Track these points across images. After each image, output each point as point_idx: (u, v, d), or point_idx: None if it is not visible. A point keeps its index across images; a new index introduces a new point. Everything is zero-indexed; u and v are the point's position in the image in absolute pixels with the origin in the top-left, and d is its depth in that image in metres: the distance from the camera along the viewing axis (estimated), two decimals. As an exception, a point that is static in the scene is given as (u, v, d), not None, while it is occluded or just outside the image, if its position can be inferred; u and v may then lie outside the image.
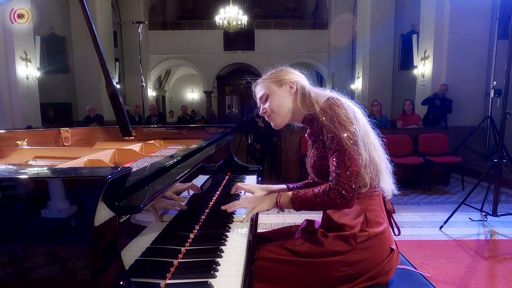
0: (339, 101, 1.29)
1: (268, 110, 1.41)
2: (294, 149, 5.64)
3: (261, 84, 1.44)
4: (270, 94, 1.40)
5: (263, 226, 3.58)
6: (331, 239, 1.23)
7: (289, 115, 1.42)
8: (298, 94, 1.39)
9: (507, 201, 4.55)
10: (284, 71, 1.44)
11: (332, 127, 1.24)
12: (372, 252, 1.21)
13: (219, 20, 13.69)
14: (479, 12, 7.25)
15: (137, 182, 0.88)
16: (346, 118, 1.24)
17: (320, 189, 1.24)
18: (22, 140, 1.69)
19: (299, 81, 1.41)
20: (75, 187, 0.70)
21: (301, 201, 1.28)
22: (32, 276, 0.69)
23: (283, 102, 1.40)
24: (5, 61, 7.20)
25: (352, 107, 1.32)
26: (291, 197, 1.29)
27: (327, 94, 1.35)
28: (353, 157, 1.21)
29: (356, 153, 1.22)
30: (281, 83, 1.40)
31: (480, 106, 7.47)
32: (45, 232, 0.69)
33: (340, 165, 1.21)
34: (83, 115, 9.05)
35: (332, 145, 1.24)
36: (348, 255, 1.19)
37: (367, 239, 1.21)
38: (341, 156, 1.22)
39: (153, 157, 1.63)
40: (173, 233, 1.11)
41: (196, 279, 0.89)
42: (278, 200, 1.32)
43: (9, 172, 0.81)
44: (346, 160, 1.21)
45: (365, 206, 1.28)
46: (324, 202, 1.22)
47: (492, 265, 2.75)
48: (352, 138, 1.23)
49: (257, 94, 1.46)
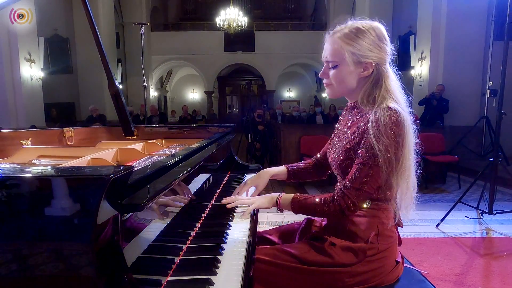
0: (398, 117, 1.10)
1: (330, 77, 1.24)
2: (293, 149, 5.64)
3: (337, 46, 1.19)
4: (340, 65, 1.20)
5: (263, 223, 3.58)
6: (339, 250, 1.16)
7: (347, 92, 1.26)
8: (369, 81, 1.19)
9: (502, 199, 4.55)
10: (373, 40, 1.17)
11: (374, 139, 1.09)
12: (378, 264, 1.17)
13: (220, 21, 13.70)
14: (475, 14, 7.26)
15: (139, 181, 0.87)
16: (393, 141, 1.08)
17: (321, 198, 1.17)
18: (26, 139, 1.68)
19: (379, 64, 1.18)
20: (79, 185, 0.70)
21: (300, 207, 1.22)
22: (37, 273, 0.69)
23: (349, 79, 1.20)
24: (10, 62, 7.20)
25: (408, 124, 1.13)
26: (291, 200, 1.24)
27: (395, 98, 1.17)
28: (373, 180, 1.10)
29: (380, 177, 1.11)
30: (358, 60, 1.17)
31: (476, 106, 7.47)
32: (49, 230, 0.69)
33: (356, 180, 1.11)
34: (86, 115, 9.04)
35: (363, 155, 1.11)
36: (355, 266, 1.14)
37: (376, 253, 1.16)
38: (363, 172, 1.10)
39: (155, 156, 1.63)
40: (175, 230, 1.10)
41: (197, 276, 0.89)
42: (278, 201, 1.27)
43: (13, 171, 0.81)
44: (365, 179, 1.10)
45: (379, 218, 1.20)
46: (322, 211, 1.17)
47: (488, 262, 2.75)
48: (387, 162, 1.09)
49: (327, 50, 1.23)
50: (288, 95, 20.28)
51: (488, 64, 7.13)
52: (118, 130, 2.04)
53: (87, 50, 10.26)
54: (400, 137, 1.09)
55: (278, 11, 18.79)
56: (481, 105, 7.37)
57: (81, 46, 10.70)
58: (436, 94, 7.02)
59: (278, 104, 13.32)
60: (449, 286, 2.37)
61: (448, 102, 7.02)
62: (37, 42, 8.01)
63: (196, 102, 19.84)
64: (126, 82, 13.73)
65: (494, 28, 7.07)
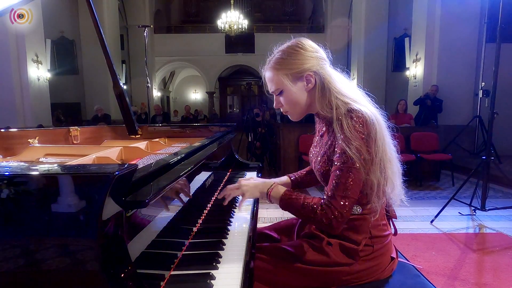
0: (361, 117, 1.06)
1: (283, 105, 1.21)
2: (292, 147, 5.64)
3: (272, 75, 1.18)
4: (283, 90, 1.18)
5: (263, 220, 3.58)
6: (336, 249, 1.13)
7: (306, 109, 1.22)
8: (317, 90, 1.16)
9: (494, 196, 4.55)
10: (300, 54, 1.16)
11: (344, 144, 1.05)
12: (375, 262, 1.16)
13: (221, 24, 13.69)
14: (469, 17, 7.26)
15: (143, 178, 0.87)
16: (363, 141, 1.05)
17: (311, 202, 1.08)
18: (33, 138, 1.68)
19: (318, 72, 1.16)
20: (84, 183, 0.70)
21: (288, 204, 1.13)
22: (44, 268, 0.69)
23: (299, 98, 1.18)
24: (18, 63, 7.19)
25: (374, 118, 1.08)
26: (281, 195, 1.15)
27: (350, 97, 1.13)
28: (355, 184, 1.04)
29: (360, 180, 1.05)
30: (297, 77, 1.15)
31: (469, 106, 7.47)
32: (56, 226, 0.69)
33: (338, 187, 1.04)
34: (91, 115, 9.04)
35: (338, 161, 1.06)
36: (351, 266, 1.13)
37: (372, 252, 1.14)
38: (343, 178, 1.04)
39: (158, 154, 1.63)
40: (177, 226, 1.10)
41: (199, 271, 0.89)
42: (269, 192, 1.18)
43: (21, 168, 0.81)
44: (346, 184, 1.04)
45: (370, 221, 1.15)
46: (308, 216, 1.08)
47: (481, 257, 2.75)
48: (363, 163, 1.04)
49: (267, 83, 1.22)
50: (287, 95, 20.24)
51: (480, 65, 7.12)
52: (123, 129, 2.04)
53: (92, 52, 10.26)
54: (369, 135, 1.06)
55: (277, 14, 18.77)
56: (474, 105, 7.37)
57: (86, 48, 10.69)
58: (431, 95, 7.02)
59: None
60: (443, 280, 2.37)
61: (442, 102, 7.02)
62: (44, 44, 7.99)
63: (198, 102, 19.83)
64: (130, 83, 13.72)
65: (487, 30, 7.06)
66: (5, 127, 1.78)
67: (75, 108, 10.87)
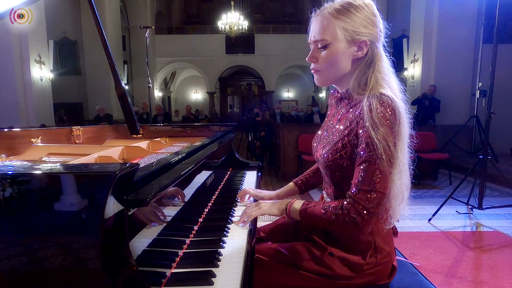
0: (391, 105, 0.93)
1: (319, 60, 1.05)
2: (292, 147, 5.64)
3: (328, 22, 1.01)
4: (331, 44, 1.01)
5: (263, 218, 3.58)
6: (338, 262, 1.05)
7: (339, 78, 1.07)
8: (363, 63, 1.02)
9: (491, 195, 4.55)
10: (368, 16, 1.00)
11: (372, 131, 0.91)
12: (377, 275, 1.09)
13: (221, 25, 13.69)
14: (466, 18, 7.26)
15: (145, 177, 0.87)
16: (390, 130, 0.92)
17: (331, 204, 0.99)
18: (36, 137, 1.68)
19: (373, 43, 1.02)
20: (86, 182, 0.70)
21: (309, 214, 1.03)
22: (46, 266, 0.69)
23: (342, 60, 1.02)
24: (21, 63, 7.18)
25: (403, 113, 0.96)
26: (300, 210, 1.05)
27: (389, 84, 1.01)
28: (385, 176, 0.91)
29: (390, 171, 0.92)
30: (353, 38, 1.00)
31: (466, 106, 7.48)
32: (58, 224, 0.69)
33: (365, 181, 0.92)
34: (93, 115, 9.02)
35: (364, 152, 0.93)
36: (352, 279, 1.06)
37: (375, 266, 1.07)
38: (370, 170, 0.91)
39: (159, 153, 1.63)
40: (178, 225, 1.10)
41: (199, 268, 0.89)
42: (288, 207, 1.09)
43: (24, 168, 0.81)
44: (375, 178, 0.91)
45: (376, 230, 1.06)
46: (330, 220, 0.97)
47: (478, 255, 2.75)
48: (391, 155, 0.91)
49: (317, 28, 1.03)
50: (286, 95, 20.25)
51: (478, 65, 7.11)
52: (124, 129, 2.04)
53: (94, 53, 10.24)
54: (395, 127, 0.93)
55: (277, 15, 18.76)
56: (471, 105, 7.37)
57: (88, 48, 10.68)
58: (428, 95, 7.02)
59: (277, 104, 13.28)
60: (441, 278, 2.37)
61: (439, 102, 7.02)
62: (47, 44, 7.98)
63: (198, 102, 19.81)
64: (132, 83, 13.70)
65: (484, 31, 7.06)
66: (8, 126, 1.78)
67: (78, 108, 10.86)
